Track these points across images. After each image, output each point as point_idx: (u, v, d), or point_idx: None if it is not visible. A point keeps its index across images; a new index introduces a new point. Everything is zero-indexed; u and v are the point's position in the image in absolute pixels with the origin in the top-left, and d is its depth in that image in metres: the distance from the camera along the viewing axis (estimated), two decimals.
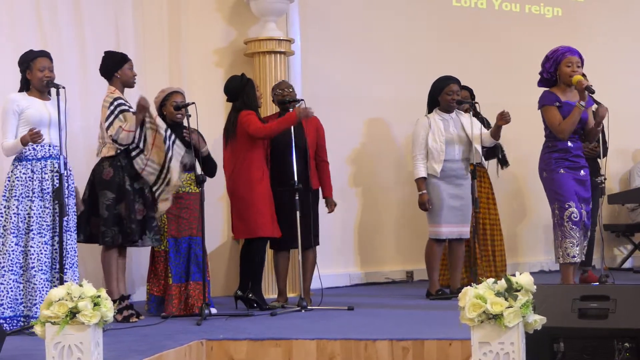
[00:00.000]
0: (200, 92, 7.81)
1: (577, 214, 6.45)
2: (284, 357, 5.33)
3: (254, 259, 7.17)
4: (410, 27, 9.53)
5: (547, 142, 6.68)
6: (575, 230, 6.44)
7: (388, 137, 9.33)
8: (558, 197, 6.53)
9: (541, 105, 6.61)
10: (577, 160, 6.61)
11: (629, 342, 4.09)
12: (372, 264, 9.24)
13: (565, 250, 6.47)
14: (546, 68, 6.67)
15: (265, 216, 7.06)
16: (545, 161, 6.67)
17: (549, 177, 6.61)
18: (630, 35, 10.69)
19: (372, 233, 9.25)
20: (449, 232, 7.56)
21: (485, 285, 3.85)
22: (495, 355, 3.82)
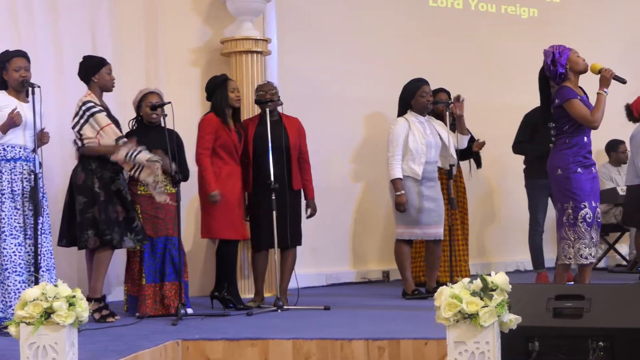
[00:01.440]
0: (177, 92, 7.77)
1: (591, 215, 6.41)
2: (260, 357, 5.32)
3: (222, 259, 7.22)
4: (386, 27, 9.55)
5: (564, 138, 6.49)
6: (589, 231, 6.39)
7: (364, 136, 9.35)
8: (574, 197, 6.39)
9: (566, 99, 6.37)
10: (590, 157, 6.54)
11: (603, 341, 4.11)
12: (348, 263, 9.25)
13: (579, 252, 6.39)
14: (561, 63, 6.54)
15: (225, 217, 7.07)
16: (562, 158, 6.48)
17: (565, 176, 6.46)
18: (605, 36, 10.75)
19: (349, 233, 9.26)
20: (424, 233, 7.58)
21: (460, 285, 3.87)
22: (470, 354, 3.83)
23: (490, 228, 10.15)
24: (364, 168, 9.34)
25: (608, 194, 9.96)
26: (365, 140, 9.34)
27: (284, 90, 7.67)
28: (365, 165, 9.32)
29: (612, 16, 10.91)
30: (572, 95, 6.35)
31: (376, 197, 9.29)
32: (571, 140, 6.44)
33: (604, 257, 10.59)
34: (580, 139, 6.43)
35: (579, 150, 6.42)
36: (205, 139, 7.10)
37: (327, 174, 9.00)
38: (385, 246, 9.07)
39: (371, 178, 9.33)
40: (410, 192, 7.53)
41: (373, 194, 9.33)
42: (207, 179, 7.05)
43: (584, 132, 6.43)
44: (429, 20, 9.88)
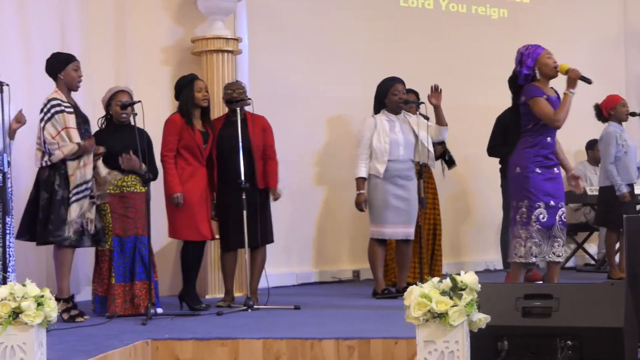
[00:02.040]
0: (147, 91, 7.74)
1: (546, 215, 6.44)
2: (230, 357, 5.31)
3: (182, 259, 7.24)
4: (358, 26, 9.56)
5: (526, 137, 6.52)
6: (542, 232, 6.42)
7: (336, 136, 9.35)
8: (529, 196, 6.42)
9: (530, 97, 6.41)
10: (552, 158, 6.57)
11: (572, 340, 4.14)
12: (318, 263, 9.26)
13: (530, 250, 6.45)
14: (527, 64, 6.58)
15: (187, 218, 7.06)
16: (522, 157, 6.51)
17: (523, 175, 6.48)
18: (575, 37, 10.81)
19: (319, 232, 9.27)
20: (393, 232, 7.60)
21: (430, 284, 3.88)
22: (440, 353, 3.84)
23: (462, 227, 10.19)
24: (333, 168, 9.34)
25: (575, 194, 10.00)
26: (336, 139, 9.34)
27: (254, 89, 7.67)
28: (336, 164, 9.32)
29: (582, 17, 10.98)
30: (538, 94, 6.39)
31: (346, 196, 9.29)
32: (533, 139, 6.49)
33: (573, 257, 10.66)
34: (542, 139, 6.47)
35: (540, 150, 6.46)
36: (169, 140, 7.08)
37: (297, 174, 9.00)
38: (356, 246, 9.09)
39: (341, 178, 9.32)
40: (374, 191, 7.57)
41: (343, 194, 9.32)
42: (169, 181, 7.05)
43: (547, 132, 6.45)
44: (399, 21, 9.89)
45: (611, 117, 8.82)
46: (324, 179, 9.34)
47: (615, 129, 8.76)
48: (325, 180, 9.34)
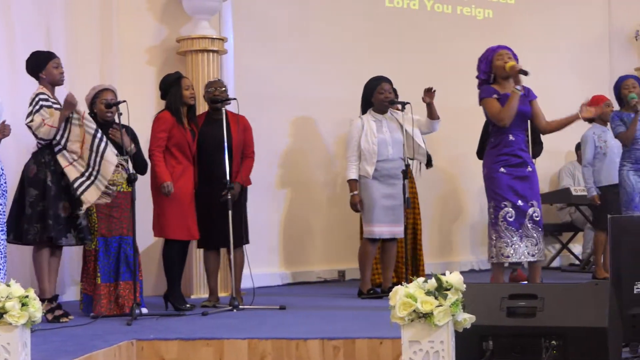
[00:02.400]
0: (132, 90, 7.74)
1: (513, 214, 6.47)
2: (215, 357, 5.31)
3: (164, 260, 7.22)
4: (343, 27, 9.56)
5: (491, 138, 6.64)
6: (511, 231, 6.46)
7: (321, 136, 9.35)
8: (495, 196, 6.51)
9: (480, 99, 6.57)
10: (521, 155, 6.59)
11: (556, 340, 4.15)
12: (304, 263, 9.25)
13: (500, 250, 6.49)
14: (482, 69, 6.68)
15: (175, 218, 7.04)
16: (487, 158, 6.62)
17: (489, 175, 6.58)
18: (559, 38, 10.86)
19: (304, 232, 9.26)
20: (381, 231, 7.60)
21: (415, 284, 3.88)
22: (425, 353, 3.85)
23: (449, 227, 10.20)
24: (321, 167, 9.34)
25: (561, 194, 10.07)
26: (322, 139, 9.34)
27: (239, 89, 7.66)
28: (323, 163, 9.33)
29: (567, 17, 11.01)
30: (486, 95, 6.51)
31: (332, 196, 9.31)
32: (495, 139, 6.57)
33: (558, 257, 10.70)
34: (504, 138, 6.53)
35: (503, 149, 6.53)
36: (159, 137, 7.05)
37: (282, 173, 9.01)
38: (341, 246, 9.09)
39: (327, 177, 9.34)
40: (365, 191, 7.56)
41: (329, 193, 9.34)
42: (158, 172, 6.99)
43: (508, 131, 6.50)
44: (385, 21, 9.90)
45: (596, 117, 8.85)
46: (310, 178, 9.33)
47: (595, 130, 8.80)
48: (312, 179, 9.33)
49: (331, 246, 9.34)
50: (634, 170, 8.01)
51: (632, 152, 7.99)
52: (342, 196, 8.98)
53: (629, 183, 8.00)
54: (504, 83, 6.60)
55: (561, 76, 10.54)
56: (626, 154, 8.06)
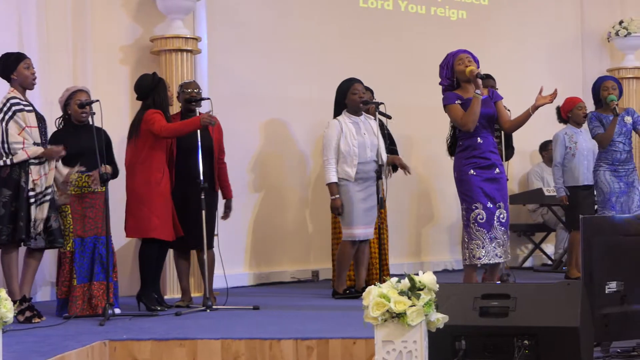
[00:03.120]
0: (106, 90, 7.71)
1: (484, 215, 6.50)
2: (188, 357, 5.30)
3: (142, 260, 7.16)
4: (318, 27, 9.57)
5: (459, 141, 6.69)
6: (482, 232, 6.50)
7: (295, 137, 9.35)
8: (466, 199, 6.55)
9: (444, 105, 6.65)
10: (490, 157, 6.62)
11: (528, 339, 4.17)
12: (277, 263, 9.25)
13: (472, 252, 6.53)
14: (444, 75, 6.73)
15: (160, 217, 7.01)
16: (457, 161, 6.67)
17: (459, 178, 6.62)
18: (532, 38, 10.91)
19: (278, 233, 9.26)
20: (361, 233, 7.60)
21: (389, 284, 3.89)
22: (398, 353, 3.86)
23: (421, 228, 10.23)
24: (295, 167, 9.34)
25: (534, 195, 10.12)
26: (295, 139, 9.34)
27: (213, 89, 7.65)
28: (297, 164, 9.33)
29: (540, 19, 11.07)
30: (449, 101, 6.58)
31: (305, 196, 9.31)
32: (463, 142, 6.62)
33: (530, 257, 10.75)
34: (472, 141, 6.58)
35: (472, 151, 6.57)
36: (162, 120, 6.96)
37: (257, 173, 9.00)
38: (315, 246, 9.10)
39: (302, 177, 9.34)
40: (345, 194, 7.55)
41: (303, 193, 9.34)
42: (187, 124, 6.97)
43: (476, 134, 6.55)
44: (359, 21, 9.91)
45: (569, 119, 8.92)
46: (284, 178, 9.33)
47: (567, 131, 8.85)
48: (286, 180, 9.33)
49: (304, 246, 9.34)
50: (610, 171, 8.07)
51: (609, 154, 8.05)
52: (315, 197, 9.00)
53: (605, 184, 8.05)
54: (467, 87, 6.63)
55: (534, 77, 10.55)
56: (603, 155, 8.11)
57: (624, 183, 8.10)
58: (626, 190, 8.10)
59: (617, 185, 8.08)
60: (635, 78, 11.13)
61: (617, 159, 8.07)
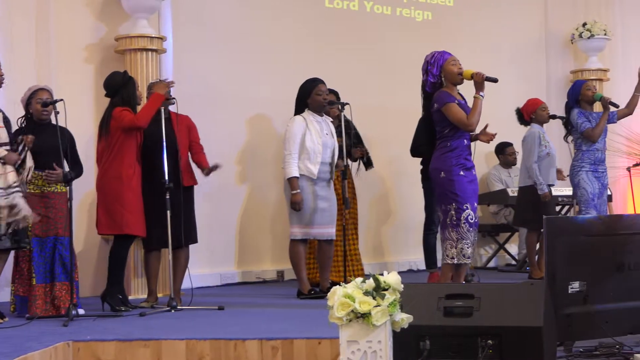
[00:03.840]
0: (70, 89, 7.66)
1: (473, 216, 6.54)
2: (152, 358, 5.27)
3: (114, 256, 7.11)
4: (283, 27, 9.56)
5: (443, 142, 6.63)
6: (471, 232, 6.53)
7: (259, 136, 9.33)
8: (457, 199, 6.52)
9: (443, 103, 6.53)
10: (470, 159, 6.67)
11: (492, 339, 4.19)
12: (242, 263, 9.23)
13: (462, 251, 6.53)
14: (432, 72, 6.68)
15: (133, 213, 6.99)
16: (443, 161, 6.62)
17: (448, 178, 6.58)
18: (496, 40, 10.97)
19: (242, 232, 9.24)
20: (318, 233, 7.61)
21: (353, 285, 3.90)
22: (363, 353, 3.87)
23: (385, 228, 10.26)
24: (256, 167, 9.33)
25: (498, 195, 10.18)
26: (259, 139, 9.33)
27: (178, 89, 7.61)
28: (258, 164, 9.31)
29: (504, 21, 11.14)
30: (449, 100, 6.54)
31: (269, 196, 9.30)
32: (452, 143, 6.61)
33: (494, 257, 10.81)
34: (460, 142, 6.61)
35: (460, 152, 6.60)
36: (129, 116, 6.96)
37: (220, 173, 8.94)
38: (279, 246, 9.09)
39: (264, 177, 9.33)
40: (305, 192, 7.55)
41: (266, 193, 9.33)
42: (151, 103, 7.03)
43: (463, 135, 6.60)
44: (324, 22, 9.92)
45: (532, 120, 8.98)
46: (247, 178, 9.32)
47: (539, 130, 8.91)
48: (249, 180, 9.32)
49: (269, 246, 9.33)
50: (592, 171, 8.14)
51: (592, 153, 8.13)
52: (279, 196, 8.98)
53: (589, 183, 8.13)
54: (453, 88, 6.65)
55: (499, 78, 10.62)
56: (585, 154, 8.19)
57: (600, 184, 8.19)
58: (602, 193, 8.20)
59: (596, 186, 8.17)
60: (598, 80, 11.24)
61: (598, 159, 8.17)
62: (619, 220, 5.28)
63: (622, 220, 5.22)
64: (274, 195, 9.24)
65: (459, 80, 6.63)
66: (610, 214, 9.74)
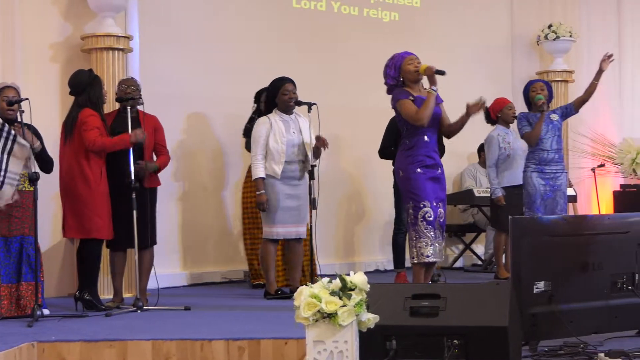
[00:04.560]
0: (35, 88, 7.60)
1: (432, 213, 6.55)
2: (118, 358, 5.25)
3: (89, 260, 7.05)
4: (250, 27, 9.54)
5: (404, 140, 6.67)
6: (430, 230, 6.54)
7: (226, 136, 9.30)
8: (413, 197, 6.55)
9: (396, 100, 6.58)
10: (434, 156, 6.67)
11: (458, 339, 4.22)
12: (209, 263, 9.20)
13: (420, 250, 6.55)
14: (390, 75, 6.71)
15: (102, 217, 6.94)
16: (402, 160, 6.66)
17: (405, 177, 6.62)
18: (463, 41, 11.01)
19: (209, 232, 9.22)
20: (286, 232, 7.62)
21: (320, 285, 3.90)
22: (329, 353, 3.88)
23: (354, 228, 10.27)
24: (227, 166, 9.31)
25: (464, 195, 10.22)
26: (226, 140, 9.30)
27: (144, 88, 7.57)
28: (225, 165, 9.29)
29: (471, 22, 11.18)
30: (402, 97, 6.58)
31: (236, 196, 9.28)
32: (410, 141, 6.64)
33: (461, 257, 10.85)
34: (419, 139, 6.61)
35: (419, 150, 6.60)
36: (95, 132, 6.91)
37: (186, 174, 8.96)
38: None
39: (230, 178, 9.31)
40: (271, 191, 7.55)
41: (233, 193, 9.31)
42: (116, 143, 6.95)
43: (423, 132, 6.59)
44: (292, 22, 9.91)
45: (498, 119, 9.03)
46: (214, 179, 9.29)
47: (499, 132, 8.95)
48: (215, 180, 9.29)
49: (236, 246, 9.31)
50: (537, 171, 8.18)
51: (537, 153, 8.17)
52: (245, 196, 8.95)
53: (532, 184, 8.16)
54: (413, 87, 6.67)
55: (466, 79, 10.69)
56: (530, 155, 8.23)
57: (549, 185, 8.21)
58: (551, 194, 8.21)
59: (542, 187, 8.19)
60: (564, 81, 11.33)
61: (544, 159, 8.19)
62: (583, 220, 5.34)
63: (586, 220, 5.28)
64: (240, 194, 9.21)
65: (417, 78, 6.65)
66: (575, 215, 9.82)
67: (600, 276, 4.90)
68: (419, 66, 6.61)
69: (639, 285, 5.02)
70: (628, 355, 4.44)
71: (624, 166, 10.34)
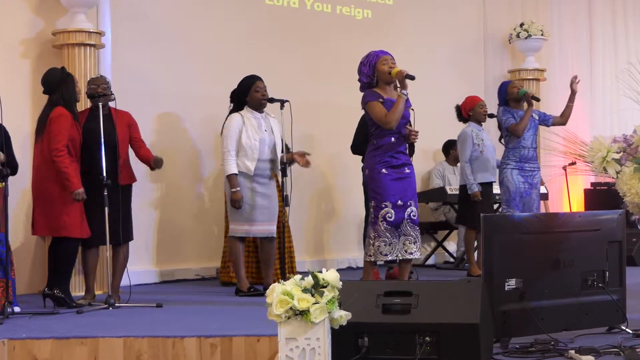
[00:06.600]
0: (5, 84, 7.53)
1: (392, 214, 6.58)
2: (89, 356, 5.23)
3: (62, 258, 7.01)
4: (222, 24, 9.52)
5: (372, 139, 6.71)
6: (389, 230, 6.57)
7: (199, 133, 9.28)
8: (376, 197, 6.61)
9: (365, 102, 6.63)
10: (400, 157, 6.70)
11: (430, 336, 4.23)
12: (180, 260, 9.17)
13: (378, 249, 6.59)
14: (364, 73, 6.73)
15: (71, 216, 6.90)
16: (369, 159, 6.70)
17: (370, 176, 6.67)
18: (435, 40, 11.05)
19: (181, 229, 9.19)
20: (257, 230, 7.61)
21: (292, 282, 3.91)
22: (301, 350, 3.88)
23: (325, 225, 10.27)
24: (195, 165, 9.28)
25: (436, 193, 10.25)
26: (199, 137, 9.27)
27: (116, 84, 7.54)
28: (198, 162, 9.27)
29: (444, 20, 11.22)
30: (371, 98, 6.62)
31: (209, 193, 9.26)
32: (378, 141, 6.68)
33: (433, 255, 10.89)
34: (386, 140, 6.66)
35: (386, 150, 6.65)
36: (63, 135, 6.83)
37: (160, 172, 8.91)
38: (218, 243, 9.05)
39: (203, 175, 9.29)
40: (244, 189, 7.55)
41: (206, 190, 9.29)
42: (70, 178, 6.82)
43: (391, 133, 6.63)
44: (264, 19, 9.89)
45: (470, 117, 9.07)
46: (186, 176, 9.26)
47: (472, 128, 8.99)
48: (187, 177, 9.26)
49: (208, 243, 9.28)
50: (518, 169, 8.23)
51: (518, 150, 8.22)
52: (219, 193, 8.95)
53: (512, 182, 8.21)
54: (386, 88, 6.69)
55: (437, 77, 10.74)
56: (510, 152, 8.28)
57: (528, 183, 8.27)
58: (529, 192, 8.27)
59: (522, 185, 8.25)
60: (535, 79, 11.40)
61: (525, 156, 8.25)
62: (554, 218, 5.37)
63: (557, 218, 5.31)
64: (214, 192, 9.21)
65: (390, 79, 6.67)
66: (546, 212, 9.89)
67: (571, 273, 4.94)
68: (393, 67, 6.63)
69: (609, 282, 5.06)
70: (598, 352, 4.48)
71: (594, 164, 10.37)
